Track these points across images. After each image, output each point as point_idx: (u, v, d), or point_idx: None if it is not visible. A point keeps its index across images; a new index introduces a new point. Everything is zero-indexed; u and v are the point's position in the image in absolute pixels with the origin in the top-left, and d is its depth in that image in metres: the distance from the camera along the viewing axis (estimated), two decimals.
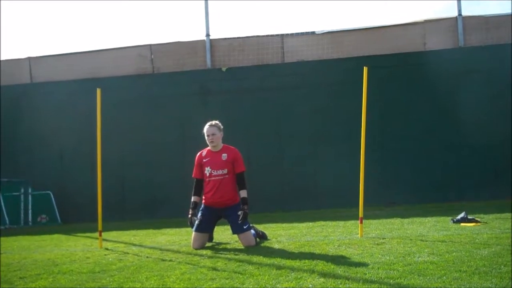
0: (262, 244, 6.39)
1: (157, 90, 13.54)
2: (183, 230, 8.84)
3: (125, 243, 7.58)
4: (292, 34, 13.65)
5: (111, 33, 29.83)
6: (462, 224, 7.49)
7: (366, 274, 4.22)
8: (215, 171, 6.42)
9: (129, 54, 14.14)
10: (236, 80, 13.34)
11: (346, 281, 4.02)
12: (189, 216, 6.48)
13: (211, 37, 13.82)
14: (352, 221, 8.56)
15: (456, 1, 13.10)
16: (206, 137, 6.51)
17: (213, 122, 6.58)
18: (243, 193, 6.45)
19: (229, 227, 6.63)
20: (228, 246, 6.47)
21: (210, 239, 6.81)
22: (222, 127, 6.61)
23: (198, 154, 6.62)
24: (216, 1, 20.33)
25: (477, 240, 5.77)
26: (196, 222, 6.43)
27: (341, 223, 8.62)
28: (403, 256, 4.92)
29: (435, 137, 12.56)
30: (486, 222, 7.51)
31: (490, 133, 12.21)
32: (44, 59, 14.57)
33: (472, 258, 4.63)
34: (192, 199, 6.57)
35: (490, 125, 12.27)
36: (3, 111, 13.72)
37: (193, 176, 6.64)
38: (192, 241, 6.47)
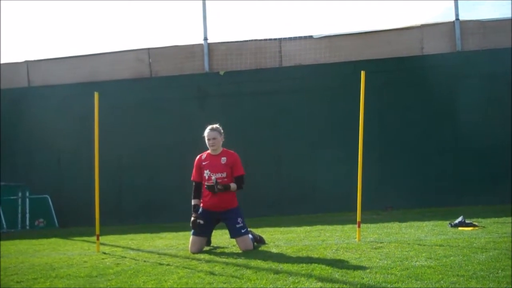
0: (259, 249, 6.38)
1: (155, 93, 13.53)
2: (181, 234, 8.83)
3: (123, 247, 7.57)
4: (289, 38, 13.67)
5: (109, 37, 29.81)
6: (460, 228, 7.49)
7: (363, 278, 4.22)
8: (214, 174, 6.42)
9: (127, 58, 14.14)
10: (234, 84, 13.34)
11: (344, 285, 4.02)
12: (192, 219, 6.43)
13: (209, 41, 13.83)
14: (350, 225, 8.56)
15: (453, 6, 13.15)
16: (206, 141, 6.51)
17: (214, 126, 6.57)
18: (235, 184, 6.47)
19: (227, 231, 6.63)
20: (226, 250, 6.46)
21: (208, 243, 6.80)
22: (222, 131, 6.62)
23: (198, 157, 6.62)
24: (214, 5, 20.35)
25: (475, 244, 5.77)
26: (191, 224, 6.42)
27: (339, 227, 8.61)
28: (400, 261, 4.92)
29: (433, 141, 12.57)
30: (484, 227, 7.52)
31: (488, 138, 12.22)
32: (42, 63, 14.55)
33: (469, 263, 4.63)
34: (193, 202, 6.56)
35: (488, 129, 12.29)
36: (0, 114, 13.70)
37: (192, 179, 6.64)
38: (190, 245, 6.46)
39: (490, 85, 12.40)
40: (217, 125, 6.61)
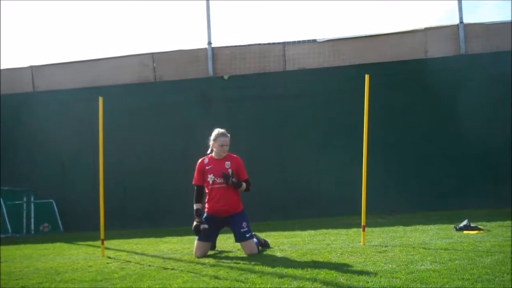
0: (264, 253, 6.38)
1: (159, 98, 13.56)
2: (186, 238, 8.84)
3: (127, 251, 7.58)
4: (293, 42, 13.69)
5: (113, 41, 29.91)
6: (465, 232, 7.47)
7: (368, 282, 4.22)
8: (218, 178, 6.41)
9: (131, 63, 14.17)
10: (237, 88, 13.36)
11: None
12: (195, 223, 6.41)
13: (213, 45, 13.86)
14: (355, 229, 8.54)
15: (456, 8, 13.14)
16: (220, 147, 6.45)
17: (225, 131, 6.55)
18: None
19: (231, 235, 6.63)
20: (231, 255, 6.47)
21: (213, 247, 6.80)
22: None
23: (200, 160, 6.61)
24: (218, 10, 20.42)
25: (480, 248, 5.76)
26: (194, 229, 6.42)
27: (344, 231, 8.60)
28: (405, 264, 4.91)
29: (437, 144, 12.54)
30: (489, 230, 7.50)
31: (492, 140, 12.18)
32: (46, 68, 14.59)
33: (475, 266, 4.62)
34: (195, 206, 6.54)
35: (492, 132, 12.25)
36: (5, 119, 13.75)
37: (193, 183, 6.62)
38: (194, 250, 6.46)
39: (493, 87, 12.36)
40: (225, 130, 6.61)
